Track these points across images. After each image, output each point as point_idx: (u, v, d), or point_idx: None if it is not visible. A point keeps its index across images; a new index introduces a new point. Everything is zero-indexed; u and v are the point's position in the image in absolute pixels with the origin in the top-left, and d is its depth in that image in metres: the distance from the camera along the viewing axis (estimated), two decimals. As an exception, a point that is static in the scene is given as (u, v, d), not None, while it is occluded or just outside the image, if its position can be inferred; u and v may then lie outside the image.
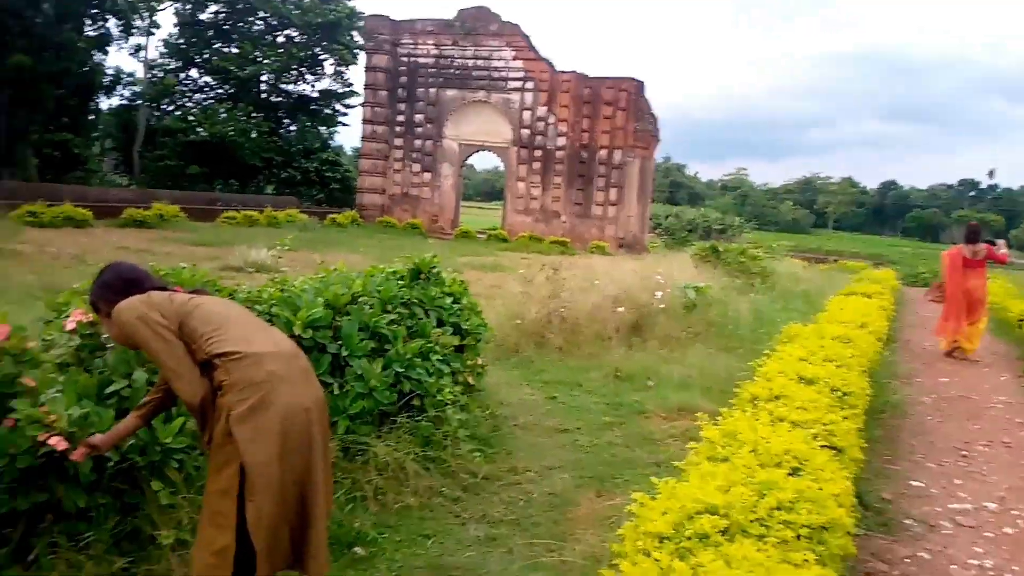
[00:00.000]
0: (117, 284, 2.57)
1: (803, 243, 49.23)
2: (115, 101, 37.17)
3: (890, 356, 8.57)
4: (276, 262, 12.14)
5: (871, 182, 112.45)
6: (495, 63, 28.54)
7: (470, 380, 5.25)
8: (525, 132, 28.45)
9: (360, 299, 4.74)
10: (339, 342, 4.32)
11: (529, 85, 28.15)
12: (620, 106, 27.10)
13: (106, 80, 33.86)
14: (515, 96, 28.43)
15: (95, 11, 30.08)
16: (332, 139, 41.14)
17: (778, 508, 2.56)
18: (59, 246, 13.65)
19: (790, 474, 2.89)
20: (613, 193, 27.64)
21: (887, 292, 12.16)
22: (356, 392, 4.22)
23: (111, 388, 3.10)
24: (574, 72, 27.76)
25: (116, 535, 2.86)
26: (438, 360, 4.82)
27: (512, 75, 28.32)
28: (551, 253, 20.36)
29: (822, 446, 3.31)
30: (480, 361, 5.54)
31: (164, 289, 2.60)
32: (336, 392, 4.13)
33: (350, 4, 38.16)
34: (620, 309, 8.36)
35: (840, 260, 32.96)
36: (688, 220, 40.93)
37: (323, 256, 10.76)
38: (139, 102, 36.36)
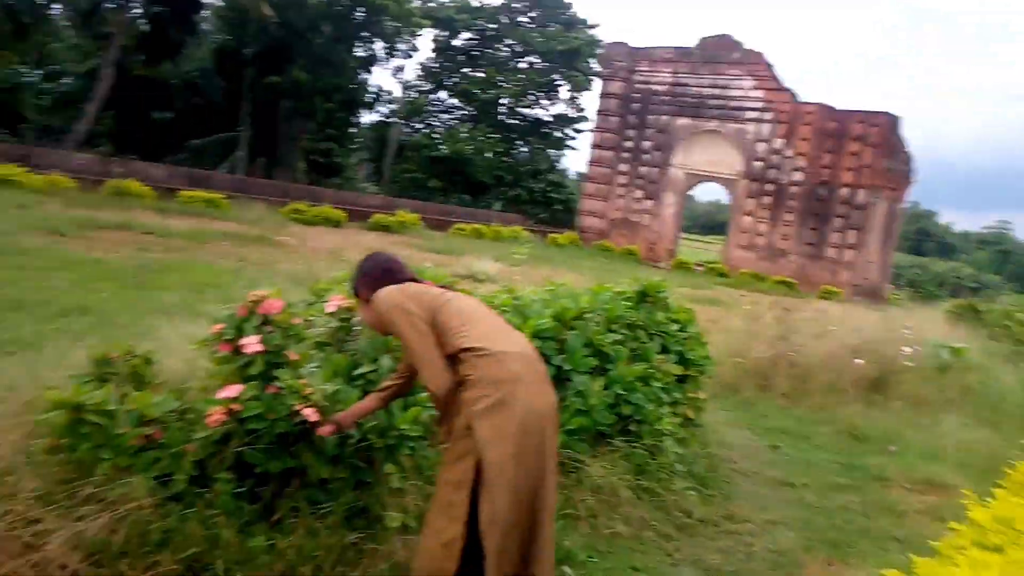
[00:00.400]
0: (376, 272, 2.72)
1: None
2: (373, 117, 41.17)
3: None
4: (507, 273, 12.57)
5: None
6: (732, 92, 27.67)
7: (689, 414, 5.00)
8: (757, 164, 27.23)
9: (586, 315, 4.70)
10: (563, 355, 4.31)
11: (767, 116, 26.93)
12: (870, 142, 25.02)
13: (368, 97, 37.51)
14: (750, 127, 27.35)
15: (365, 34, 33.45)
16: (559, 162, 42.40)
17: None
18: (317, 241, 15.23)
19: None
20: (852, 235, 25.53)
21: None
22: (575, 408, 4.17)
23: (359, 370, 3.31)
24: (819, 104, 26.12)
25: (348, 510, 3.01)
26: (659, 387, 4.64)
27: (749, 105, 27.28)
28: (774, 293, 19.20)
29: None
30: (702, 395, 5.27)
31: (417, 281, 2.70)
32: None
33: (591, 32, 39.22)
34: (859, 361, 7.59)
35: None
36: (936, 273, 36.76)
37: (546, 272, 10.97)
38: (393, 119, 39.96)
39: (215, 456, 2.79)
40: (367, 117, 40.80)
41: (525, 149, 41.16)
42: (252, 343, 2.93)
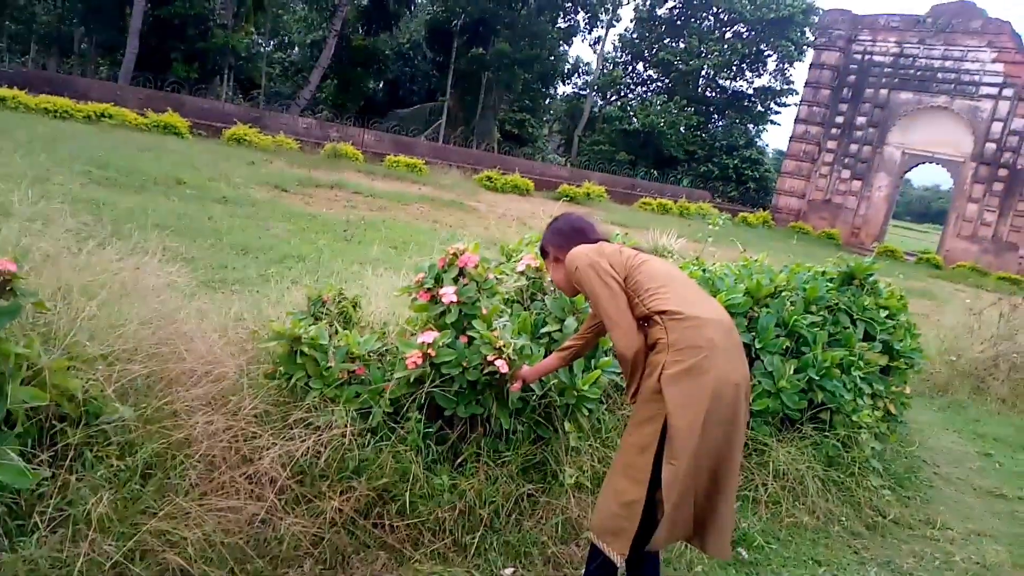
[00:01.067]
0: (567, 230, 2.70)
1: None
2: (568, 89, 41.35)
3: None
4: (694, 249, 12.21)
5: None
6: (967, 65, 24.73)
7: (892, 408, 4.60)
8: (990, 146, 24.24)
9: (782, 293, 4.45)
10: (753, 333, 4.12)
11: (1007, 92, 23.83)
12: None
13: (566, 69, 37.70)
14: (985, 104, 24.34)
15: (568, 4, 33.53)
16: (758, 138, 40.21)
17: None
18: (505, 208, 15.67)
19: None
20: (1101, 231, 22.11)
21: None
22: (763, 389, 3.99)
23: (545, 329, 3.37)
24: (1075, 79, 22.69)
25: (527, 462, 3.10)
26: (859, 377, 4.30)
27: (987, 79, 24.26)
28: (998, 291, 17.08)
29: None
30: (907, 390, 4.83)
31: (608, 243, 2.67)
32: (743, 383, 3.95)
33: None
34: (1102, 369, 6.60)
35: None
36: None
37: (736, 251, 10.52)
38: (587, 91, 39.87)
39: (409, 396, 2.98)
40: (563, 89, 41.12)
41: (722, 123, 39.46)
42: (449, 293, 3.07)
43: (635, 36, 40.13)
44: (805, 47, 35.30)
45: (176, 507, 2.37)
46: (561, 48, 35.68)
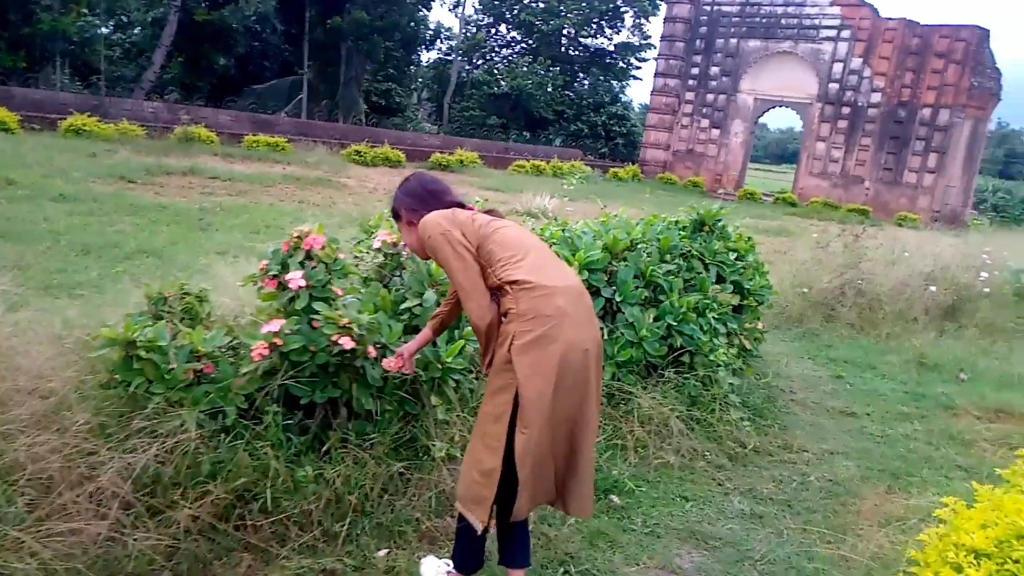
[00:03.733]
0: (420, 192, 2.61)
1: None
2: (433, 55, 40.70)
3: None
4: (559, 208, 12.43)
5: None
6: (808, 10, 26.17)
7: (747, 344, 4.88)
8: (833, 87, 25.90)
9: (639, 246, 4.59)
10: (613, 287, 4.24)
11: (845, 34, 25.44)
12: (954, 58, 23.42)
13: (427, 35, 37.02)
14: (826, 46, 25.91)
15: (423, -32, 32.80)
16: (623, 94, 41.21)
17: None
18: (376, 182, 15.34)
19: None
20: (932, 159, 24.19)
21: None
22: (625, 340, 4.12)
23: (404, 305, 3.32)
24: (902, 19, 24.48)
25: (396, 440, 3.07)
26: (714, 318, 4.53)
27: (826, 23, 25.78)
28: (848, 222, 18.41)
29: None
30: (760, 325, 5.12)
31: (463, 206, 2.62)
32: (605, 338, 4.05)
33: (657, -47, 37.50)
34: (932, 288, 7.25)
35: None
36: (1023, 197, 34.65)
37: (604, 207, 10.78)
38: (453, 56, 39.40)
39: (263, 389, 2.86)
40: (428, 56, 40.43)
41: (587, 82, 40.10)
42: (296, 278, 2.96)
43: (495, -2, 39.95)
44: (659, 1, 36.23)
45: (6, 538, 2.18)
46: (421, 13, 34.99)
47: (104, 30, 30.70)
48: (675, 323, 4.28)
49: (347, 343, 2.74)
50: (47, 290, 4.87)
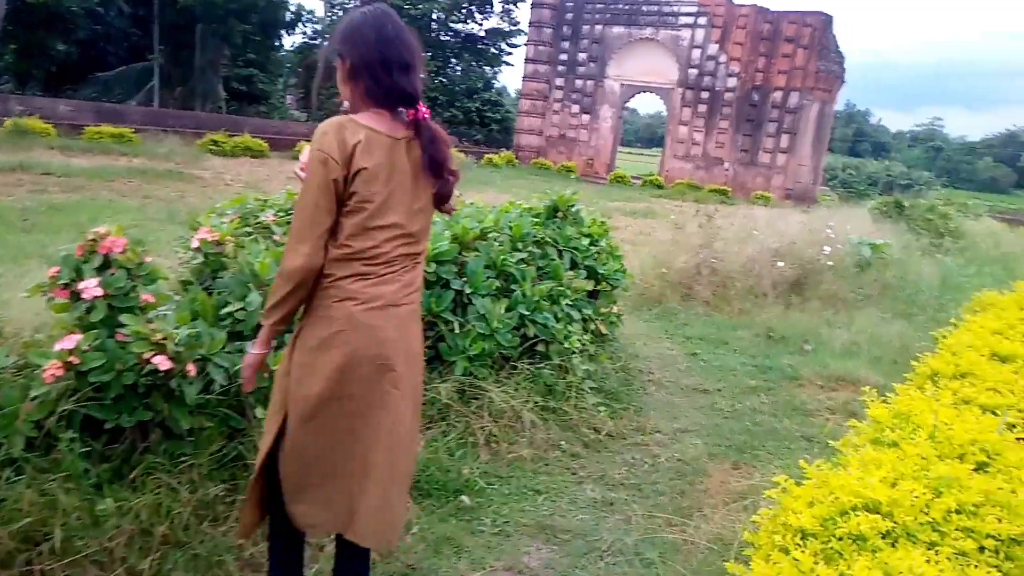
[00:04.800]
0: (371, 39, 1.91)
1: (1001, 204, 43.61)
2: (298, 39, 39.15)
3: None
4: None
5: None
6: (667, -3, 27.05)
7: (602, 329, 4.89)
8: (692, 72, 26.93)
9: (490, 235, 4.48)
10: (464, 279, 4.11)
11: (702, 20, 26.47)
12: (802, 43, 24.88)
13: (288, 17, 35.50)
14: (685, 33, 26.88)
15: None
16: (496, 80, 41.24)
17: (957, 511, 2.02)
18: (234, 174, 14.54)
19: (975, 470, 2.31)
20: (784, 140, 25.67)
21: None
22: (477, 333, 4.00)
23: (226, 309, 3.05)
24: (753, 6, 25.73)
25: (219, 460, 2.81)
26: (568, 305, 4.49)
27: (684, 10, 26.74)
28: (709, 202, 19.25)
29: (1017, 439, 2.67)
30: (615, 309, 5.15)
31: (412, 98, 1.95)
32: (456, 331, 3.93)
33: (521, -61, 37.60)
34: (780, 264, 7.60)
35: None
36: (869, 174, 37.50)
37: (465, 193, 10.67)
38: (319, 40, 38.03)
39: (56, 415, 2.54)
40: (291, 40, 38.84)
41: (459, 68, 39.83)
42: (91, 286, 2.64)
43: (360, -20, 38.89)
44: (526, -12, 36.42)
45: None
46: (279, -5, 33.51)
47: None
48: (528, 313, 4.20)
49: (163, 363, 2.47)
50: None
